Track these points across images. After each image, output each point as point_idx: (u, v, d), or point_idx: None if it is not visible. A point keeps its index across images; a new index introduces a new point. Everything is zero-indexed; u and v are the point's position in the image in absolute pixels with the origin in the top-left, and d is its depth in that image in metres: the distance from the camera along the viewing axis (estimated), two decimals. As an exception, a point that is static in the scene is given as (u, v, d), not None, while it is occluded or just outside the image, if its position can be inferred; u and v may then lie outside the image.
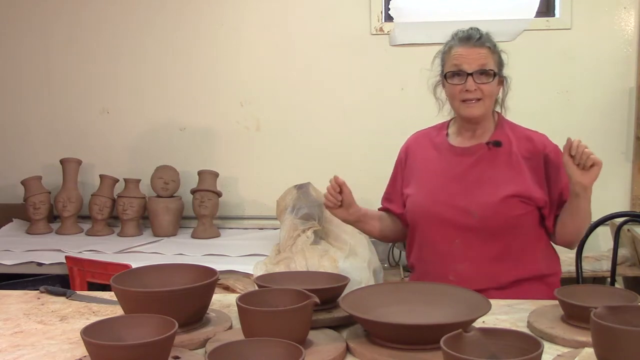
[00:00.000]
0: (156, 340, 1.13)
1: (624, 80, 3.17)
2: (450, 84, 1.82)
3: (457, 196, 1.82)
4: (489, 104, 1.83)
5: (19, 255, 2.76)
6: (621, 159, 3.21)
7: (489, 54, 1.82)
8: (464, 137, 1.90)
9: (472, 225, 1.78)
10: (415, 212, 1.89)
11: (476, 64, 1.79)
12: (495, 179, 1.81)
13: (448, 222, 1.81)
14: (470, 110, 1.81)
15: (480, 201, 1.79)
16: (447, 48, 1.86)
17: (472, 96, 1.79)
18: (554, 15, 3.25)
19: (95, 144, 3.48)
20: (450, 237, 1.81)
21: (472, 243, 1.79)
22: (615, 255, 2.47)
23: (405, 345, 1.27)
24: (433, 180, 1.88)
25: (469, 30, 1.85)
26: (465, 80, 1.79)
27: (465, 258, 1.80)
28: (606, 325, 1.13)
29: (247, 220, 3.41)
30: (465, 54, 1.80)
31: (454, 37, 1.86)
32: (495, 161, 1.83)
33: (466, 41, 1.82)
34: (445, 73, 1.84)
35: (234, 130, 3.40)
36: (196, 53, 3.40)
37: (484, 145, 1.85)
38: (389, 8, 3.27)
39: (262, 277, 1.63)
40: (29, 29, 3.47)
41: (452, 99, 1.85)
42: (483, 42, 1.82)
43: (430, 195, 1.86)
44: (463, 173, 1.84)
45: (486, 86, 1.80)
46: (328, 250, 2.63)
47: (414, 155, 1.97)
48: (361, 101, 3.31)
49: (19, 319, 1.54)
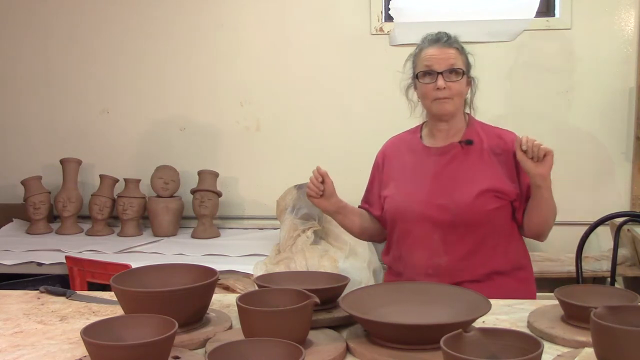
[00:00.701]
0: (156, 340, 1.13)
1: (624, 80, 3.17)
2: (422, 83, 1.91)
3: (434, 194, 1.89)
4: (458, 101, 1.92)
5: (19, 255, 2.77)
6: (621, 159, 3.21)
7: (458, 54, 1.91)
8: (436, 138, 1.97)
9: (450, 221, 1.86)
10: (394, 212, 1.95)
11: (445, 64, 1.88)
12: (470, 176, 1.89)
13: (426, 219, 1.88)
14: (442, 107, 1.89)
15: (456, 197, 1.86)
16: (417, 50, 1.96)
17: (443, 94, 1.88)
18: (554, 15, 3.25)
19: (95, 144, 3.48)
20: (428, 233, 1.88)
21: (449, 238, 1.87)
22: (615, 255, 2.47)
23: (405, 345, 1.27)
24: (410, 180, 1.95)
25: (438, 33, 1.95)
26: (436, 79, 1.88)
27: (443, 252, 1.87)
28: (606, 325, 1.13)
29: (247, 220, 3.41)
30: (435, 54, 1.89)
31: (424, 40, 1.96)
32: (468, 159, 1.92)
33: (435, 42, 1.92)
34: (417, 73, 1.92)
35: (234, 130, 3.40)
36: (196, 53, 3.40)
37: (456, 144, 1.93)
38: (389, 8, 3.27)
39: (262, 277, 1.63)
40: (29, 29, 3.47)
41: (424, 98, 1.93)
42: (451, 43, 1.92)
43: (408, 195, 1.92)
44: (438, 172, 1.92)
45: (455, 84, 1.88)
46: (328, 250, 2.63)
47: (390, 159, 2.04)
48: (361, 101, 3.31)
49: (19, 319, 1.54)
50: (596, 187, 3.21)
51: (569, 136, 3.16)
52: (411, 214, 1.90)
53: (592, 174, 3.21)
